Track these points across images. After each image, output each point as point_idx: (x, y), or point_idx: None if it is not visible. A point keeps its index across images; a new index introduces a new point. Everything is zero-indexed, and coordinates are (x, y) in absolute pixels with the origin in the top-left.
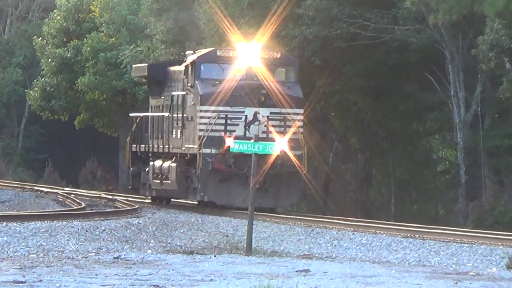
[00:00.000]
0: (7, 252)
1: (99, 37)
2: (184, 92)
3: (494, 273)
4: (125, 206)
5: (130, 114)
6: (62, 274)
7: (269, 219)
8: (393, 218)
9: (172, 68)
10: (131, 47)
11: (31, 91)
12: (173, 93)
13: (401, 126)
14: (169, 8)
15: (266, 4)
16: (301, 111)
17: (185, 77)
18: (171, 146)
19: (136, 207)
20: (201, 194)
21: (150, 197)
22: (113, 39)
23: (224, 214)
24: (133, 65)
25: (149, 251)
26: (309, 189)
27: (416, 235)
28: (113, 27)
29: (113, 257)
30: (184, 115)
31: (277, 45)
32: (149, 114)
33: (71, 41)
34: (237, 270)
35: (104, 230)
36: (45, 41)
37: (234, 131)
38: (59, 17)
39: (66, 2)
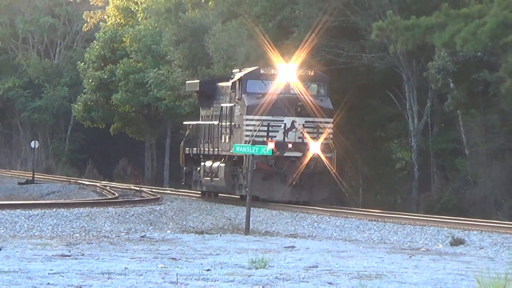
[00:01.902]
0: (56, 232)
1: (129, 62)
2: (232, 104)
3: (440, 249)
4: (149, 196)
5: (184, 122)
6: (99, 249)
7: (263, 207)
8: (361, 206)
9: (220, 84)
10: (155, 70)
11: (75, 105)
12: (221, 104)
13: (367, 133)
14: (185, 40)
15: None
16: (331, 120)
17: (233, 91)
18: (220, 149)
19: (158, 196)
20: (247, 189)
21: (200, 191)
22: (140, 64)
23: (227, 202)
24: (187, 82)
25: (168, 231)
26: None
27: (379, 219)
28: (140, 54)
29: (140, 236)
30: (232, 123)
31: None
32: (200, 122)
33: (107, 65)
34: (237, 246)
35: (133, 214)
36: (86, 65)
37: (275, 136)
38: (97, 47)
39: (103, 35)
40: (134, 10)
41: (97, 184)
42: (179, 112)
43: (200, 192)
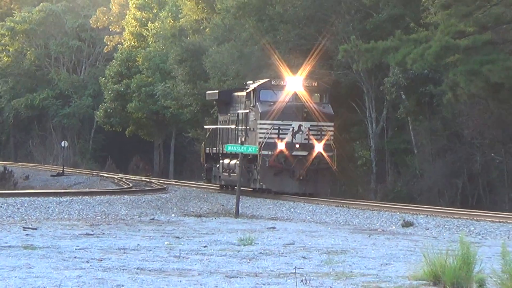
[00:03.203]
0: (82, 215)
1: (141, 77)
2: (247, 110)
3: (393, 230)
4: (157, 186)
5: (205, 126)
6: (117, 229)
7: (250, 195)
8: (330, 195)
9: (236, 94)
10: (162, 84)
11: (98, 112)
12: (238, 111)
13: (335, 135)
14: (186, 59)
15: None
16: (332, 124)
17: (247, 100)
18: None
19: (165, 186)
20: (261, 183)
21: (218, 184)
22: (150, 79)
23: (221, 191)
24: (207, 92)
25: (173, 215)
26: None
27: (344, 205)
28: (150, 71)
29: (150, 219)
30: (247, 127)
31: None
32: (218, 126)
33: (123, 80)
34: (229, 227)
35: (144, 201)
36: (106, 80)
37: (284, 138)
38: (116, 65)
39: (120, 55)
40: (146, 35)
41: (115, 176)
42: (182, 118)
43: (219, 185)
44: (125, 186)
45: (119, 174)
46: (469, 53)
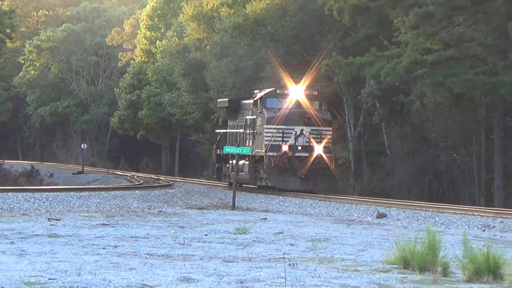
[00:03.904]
0: (99, 208)
1: (150, 88)
2: (254, 116)
3: (369, 220)
4: (164, 182)
5: (216, 131)
6: (129, 220)
7: (244, 191)
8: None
9: (244, 101)
10: (169, 94)
11: (113, 118)
12: (246, 117)
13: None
14: (190, 73)
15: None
16: (331, 128)
17: (255, 107)
18: None
19: (171, 183)
20: (267, 181)
21: (227, 182)
22: (158, 89)
23: (219, 187)
24: (218, 100)
25: (178, 207)
26: None
27: (326, 199)
28: (158, 83)
29: (158, 211)
30: (255, 131)
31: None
32: (228, 130)
33: (135, 90)
34: (226, 218)
35: (153, 196)
36: (120, 90)
37: (288, 141)
38: (128, 77)
39: (132, 69)
40: (154, 52)
41: (128, 174)
42: (186, 123)
43: (228, 183)
44: (137, 183)
45: (131, 172)
46: (435, 67)
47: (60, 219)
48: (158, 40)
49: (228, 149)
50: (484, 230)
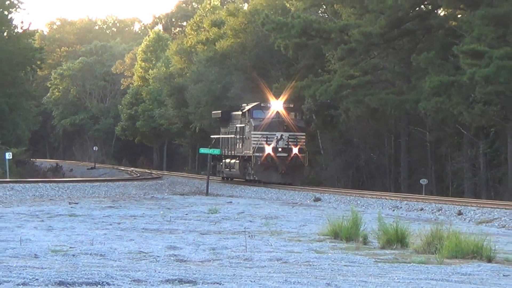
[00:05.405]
0: (106, 194)
1: (145, 105)
2: (243, 125)
3: (308, 203)
4: (156, 175)
5: (211, 136)
6: (129, 204)
7: (216, 181)
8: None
9: (234, 113)
10: (158, 109)
11: (117, 128)
12: (236, 125)
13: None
14: (174, 93)
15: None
16: (304, 134)
17: (243, 117)
18: (235, 152)
19: (160, 176)
20: (254, 176)
21: (221, 177)
22: (151, 106)
23: (197, 178)
24: (212, 112)
25: (166, 194)
26: None
27: (276, 188)
28: (151, 101)
29: (151, 196)
30: (243, 136)
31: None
32: (221, 136)
33: (133, 107)
34: (202, 202)
35: (147, 185)
36: (122, 107)
37: (271, 144)
38: (128, 97)
39: (131, 90)
40: (148, 78)
41: (128, 169)
42: (171, 131)
43: (221, 178)
44: (135, 176)
45: (131, 168)
46: (356, 89)
47: (78, 203)
48: (150, 69)
49: (203, 150)
50: (393, 210)
